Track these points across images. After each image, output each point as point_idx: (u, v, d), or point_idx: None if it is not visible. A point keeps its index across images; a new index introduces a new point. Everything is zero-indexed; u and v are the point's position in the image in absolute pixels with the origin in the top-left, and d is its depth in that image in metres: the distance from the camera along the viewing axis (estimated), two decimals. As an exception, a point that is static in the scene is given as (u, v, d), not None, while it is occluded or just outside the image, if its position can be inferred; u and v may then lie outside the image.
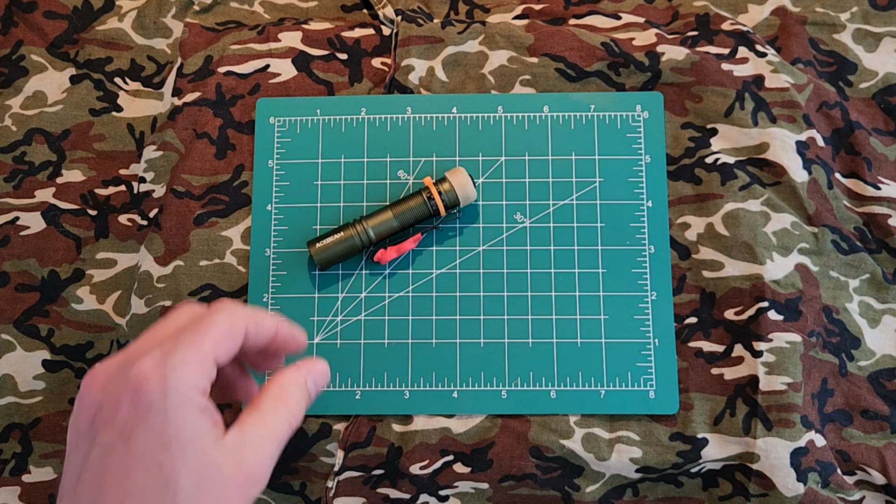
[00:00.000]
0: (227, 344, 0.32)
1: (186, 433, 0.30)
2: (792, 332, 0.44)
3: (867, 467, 0.43)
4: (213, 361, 0.31)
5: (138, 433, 0.29)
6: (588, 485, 0.44)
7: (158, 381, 0.29)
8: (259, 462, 0.32)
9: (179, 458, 0.29)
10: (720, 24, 0.49)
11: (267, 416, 0.33)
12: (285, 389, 0.34)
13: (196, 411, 0.30)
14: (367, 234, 0.44)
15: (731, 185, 0.46)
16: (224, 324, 0.32)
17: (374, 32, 0.50)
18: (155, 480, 0.29)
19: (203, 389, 0.31)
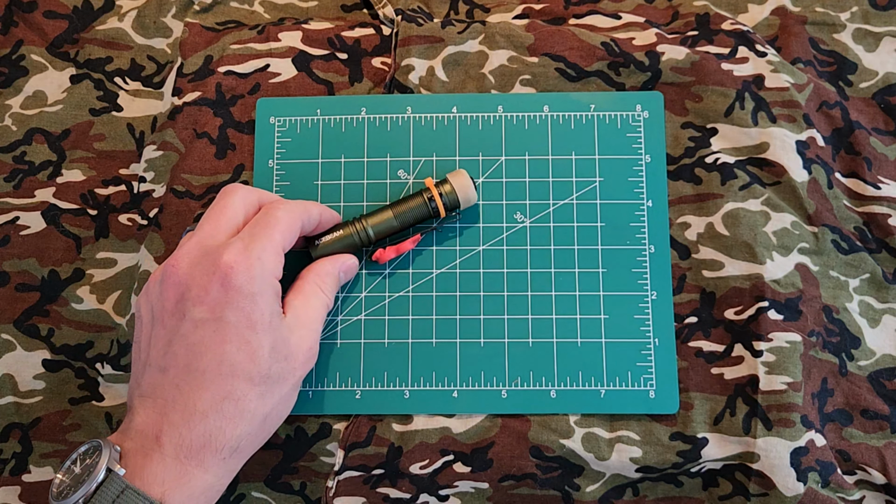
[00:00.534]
0: (291, 234, 0.38)
1: (267, 314, 0.35)
2: (792, 331, 0.44)
3: (867, 467, 0.43)
4: (283, 250, 0.38)
5: (228, 312, 0.34)
6: (588, 484, 0.44)
7: (246, 268, 0.35)
8: (312, 337, 0.39)
9: (262, 334, 0.35)
10: (720, 23, 0.49)
11: (311, 300, 0.39)
12: (322, 277, 0.41)
13: (274, 295, 0.36)
14: (366, 233, 0.43)
15: (731, 184, 0.46)
16: (286, 219, 0.38)
17: (374, 32, 0.50)
18: (243, 351, 0.35)
19: (278, 275, 0.37)
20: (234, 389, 0.34)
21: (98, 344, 0.46)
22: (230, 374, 0.34)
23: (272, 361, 0.36)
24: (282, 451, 0.44)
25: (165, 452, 0.34)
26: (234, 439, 0.35)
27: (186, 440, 0.34)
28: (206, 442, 0.34)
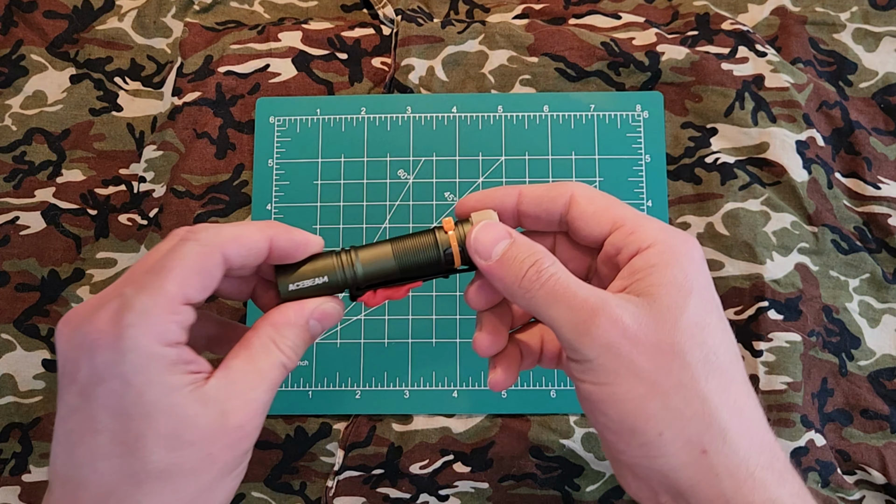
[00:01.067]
0: (198, 279, 0.28)
1: (152, 394, 0.26)
2: (792, 331, 0.44)
3: (867, 467, 0.43)
4: (182, 303, 0.27)
5: (98, 395, 0.26)
6: (588, 484, 0.44)
7: (113, 341, 0.26)
8: (248, 411, 0.28)
9: (145, 422, 0.26)
10: (720, 23, 0.49)
11: (258, 358, 0.29)
12: (280, 329, 0.30)
13: (162, 368, 0.27)
14: (353, 272, 0.31)
15: (731, 184, 0.46)
16: (192, 257, 0.28)
17: (374, 32, 0.50)
18: (121, 445, 0.27)
19: (169, 341, 0.27)
20: (115, 491, 0.27)
21: (98, 344, 0.46)
22: (107, 472, 0.27)
23: (165, 453, 0.26)
24: (282, 451, 0.44)
25: None
26: None
27: None
28: None
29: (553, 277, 0.29)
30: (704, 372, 0.27)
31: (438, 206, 0.47)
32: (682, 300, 0.28)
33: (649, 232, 0.29)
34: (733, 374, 0.28)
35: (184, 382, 0.27)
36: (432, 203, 0.47)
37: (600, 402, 0.28)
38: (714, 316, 0.28)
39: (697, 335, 0.27)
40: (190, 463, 0.27)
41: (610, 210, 0.30)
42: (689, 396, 0.27)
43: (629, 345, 0.27)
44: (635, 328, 0.27)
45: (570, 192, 0.31)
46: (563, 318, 0.28)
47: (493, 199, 0.32)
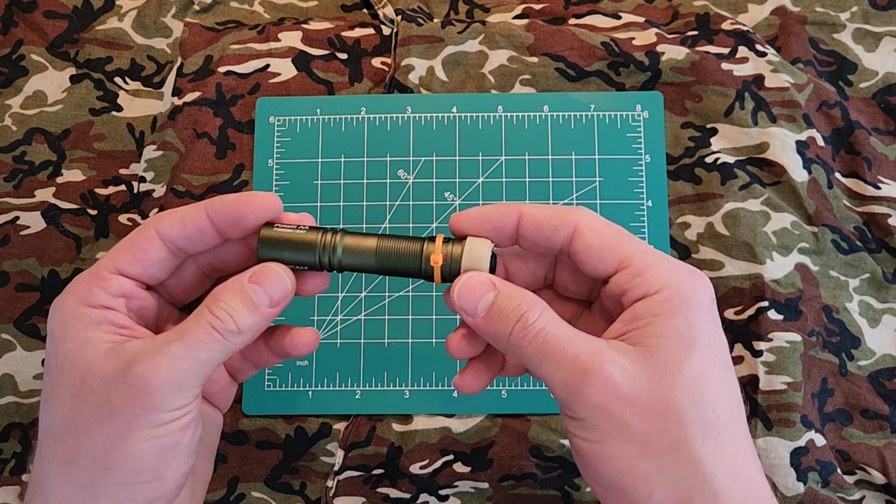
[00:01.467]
0: (131, 252, 0.29)
1: (67, 346, 0.28)
2: (792, 331, 0.44)
3: (867, 467, 0.43)
4: (112, 272, 0.29)
5: (53, 361, 0.28)
6: (588, 485, 0.44)
7: (53, 304, 0.29)
8: (154, 361, 0.27)
9: (58, 373, 0.28)
10: (720, 23, 0.49)
11: (188, 321, 0.28)
12: (217, 292, 0.29)
13: (81, 324, 0.28)
14: (333, 250, 0.31)
15: (731, 184, 0.46)
16: (129, 235, 0.30)
17: (374, 32, 0.50)
18: (44, 397, 0.28)
19: (92, 303, 0.28)
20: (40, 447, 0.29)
21: (98, 344, 0.46)
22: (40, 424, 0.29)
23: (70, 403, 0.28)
24: (282, 451, 0.44)
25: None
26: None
27: None
28: None
29: (541, 333, 0.27)
30: (700, 432, 0.26)
31: (438, 205, 0.47)
32: (683, 354, 0.27)
33: (657, 275, 0.28)
34: (732, 432, 0.27)
35: (103, 339, 0.28)
36: (432, 203, 0.47)
37: (591, 458, 0.27)
38: (717, 368, 0.27)
39: (696, 392, 0.26)
40: (87, 412, 0.27)
41: (617, 246, 0.28)
42: (682, 459, 0.26)
43: (622, 405, 0.26)
44: (628, 387, 0.26)
45: (574, 222, 0.29)
46: (554, 377, 0.27)
47: (491, 221, 0.30)
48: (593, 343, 0.27)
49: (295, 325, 0.33)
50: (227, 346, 0.28)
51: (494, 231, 0.30)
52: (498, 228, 0.30)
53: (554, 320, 0.28)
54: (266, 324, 0.29)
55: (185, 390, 0.27)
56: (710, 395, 0.26)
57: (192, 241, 0.30)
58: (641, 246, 0.29)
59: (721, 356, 0.28)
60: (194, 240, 0.30)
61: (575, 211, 0.29)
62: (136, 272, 0.29)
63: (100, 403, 0.27)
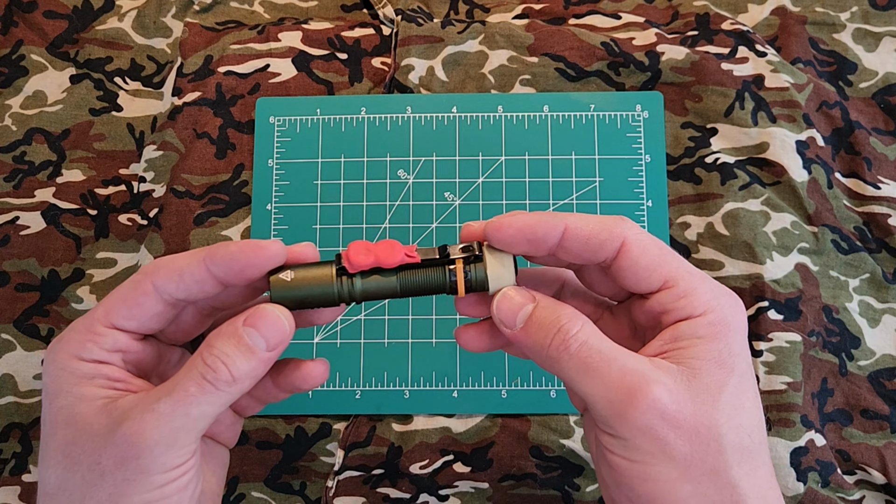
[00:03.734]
0: (126, 306, 0.28)
1: (59, 403, 0.27)
2: (792, 331, 0.44)
3: (867, 467, 0.43)
4: (107, 326, 0.27)
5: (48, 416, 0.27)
6: (588, 484, 0.44)
7: (46, 358, 0.28)
8: (144, 420, 0.25)
9: (51, 431, 0.27)
10: (720, 23, 0.49)
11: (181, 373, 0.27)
12: (210, 339, 0.27)
13: (74, 379, 0.27)
14: (353, 286, 0.29)
15: (731, 184, 0.46)
16: (124, 286, 0.28)
17: (374, 32, 0.50)
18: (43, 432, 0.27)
19: (84, 357, 0.27)
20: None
21: (98, 344, 0.46)
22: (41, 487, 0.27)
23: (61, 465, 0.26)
24: (282, 451, 0.44)
25: None
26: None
27: None
28: None
29: (584, 347, 0.27)
30: (737, 457, 0.26)
31: (438, 205, 0.47)
32: (723, 379, 0.27)
33: (701, 298, 0.27)
34: (763, 458, 0.27)
35: (97, 395, 0.27)
36: (432, 203, 0.47)
37: (631, 478, 0.27)
38: (751, 394, 0.27)
39: (734, 417, 0.26)
40: (80, 475, 0.26)
41: (663, 265, 0.28)
42: (721, 483, 0.26)
43: (668, 428, 0.26)
44: (674, 409, 0.26)
45: (622, 236, 0.28)
46: (597, 395, 0.26)
47: (535, 233, 0.28)
48: (637, 361, 0.27)
49: (302, 358, 0.31)
50: (221, 398, 0.26)
51: (536, 243, 0.28)
52: (540, 241, 0.28)
53: (596, 334, 0.27)
54: (264, 369, 0.28)
55: (178, 448, 0.26)
56: (747, 421, 0.27)
57: (191, 293, 0.28)
58: (685, 265, 0.28)
59: (753, 384, 0.28)
60: (193, 291, 0.28)
61: (621, 224, 0.28)
62: (131, 326, 0.28)
63: (91, 466, 0.26)
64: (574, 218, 0.28)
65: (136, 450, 0.25)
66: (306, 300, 0.28)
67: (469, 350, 0.31)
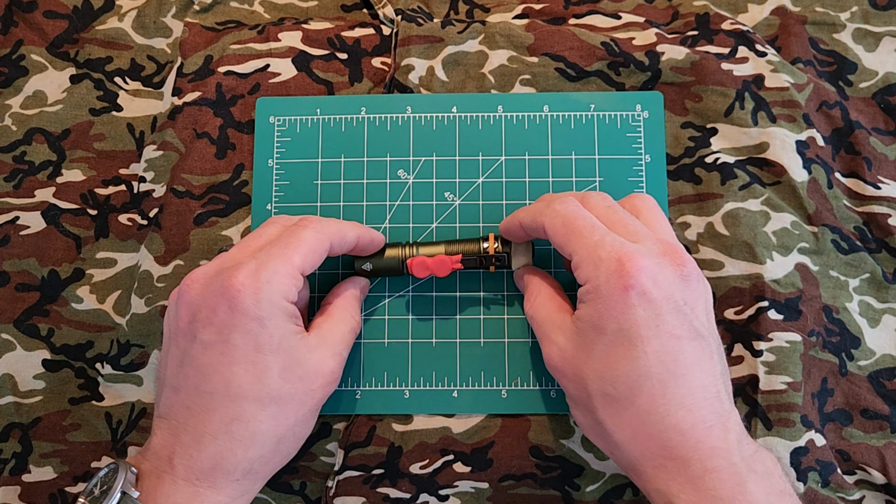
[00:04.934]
0: (313, 257, 0.37)
1: (276, 336, 0.35)
2: (792, 331, 0.44)
3: (867, 467, 0.43)
4: (300, 272, 0.36)
5: (235, 335, 0.34)
6: (588, 484, 0.44)
7: (253, 291, 0.34)
8: (335, 359, 0.37)
9: (271, 356, 0.34)
10: (720, 23, 0.49)
11: (339, 322, 0.39)
12: (347, 300, 0.41)
13: (284, 317, 0.35)
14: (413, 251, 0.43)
15: (731, 184, 0.46)
16: (310, 240, 0.36)
17: (374, 32, 0.50)
18: (251, 374, 0.34)
19: (291, 298, 0.35)
20: (242, 411, 0.34)
21: (98, 344, 0.46)
22: (238, 395, 0.34)
23: (283, 382, 0.35)
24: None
25: (177, 474, 0.34)
26: (246, 461, 0.35)
27: (197, 462, 0.34)
28: (216, 464, 0.34)
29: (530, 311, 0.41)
30: (601, 401, 0.34)
31: (438, 205, 0.47)
32: (594, 337, 0.34)
33: (585, 270, 0.35)
34: (631, 401, 0.33)
35: (295, 331, 0.36)
36: (432, 203, 0.47)
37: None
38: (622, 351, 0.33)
39: (599, 370, 0.34)
40: (298, 393, 0.35)
41: (567, 243, 0.36)
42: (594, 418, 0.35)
43: (559, 375, 0.37)
44: (559, 362, 0.36)
45: (541, 222, 0.37)
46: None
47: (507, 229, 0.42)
48: (547, 323, 0.38)
49: None
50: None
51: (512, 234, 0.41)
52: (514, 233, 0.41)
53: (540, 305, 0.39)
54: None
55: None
56: (610, 373, 0.34)
57: (338, 252, 0.40)
58: (587, 240, 0.35)
59: (632, 340, 0.33)
60: (341, 251, 0.40)
61: (544, 210, 0.37)
62: (309, 272, 0.37)
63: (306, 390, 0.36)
64: (523, 213, 0.40)
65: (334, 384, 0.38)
66: (380, 269, 0.43)
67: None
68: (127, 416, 0.46)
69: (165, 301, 0.45)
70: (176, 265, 0.46)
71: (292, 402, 0.35)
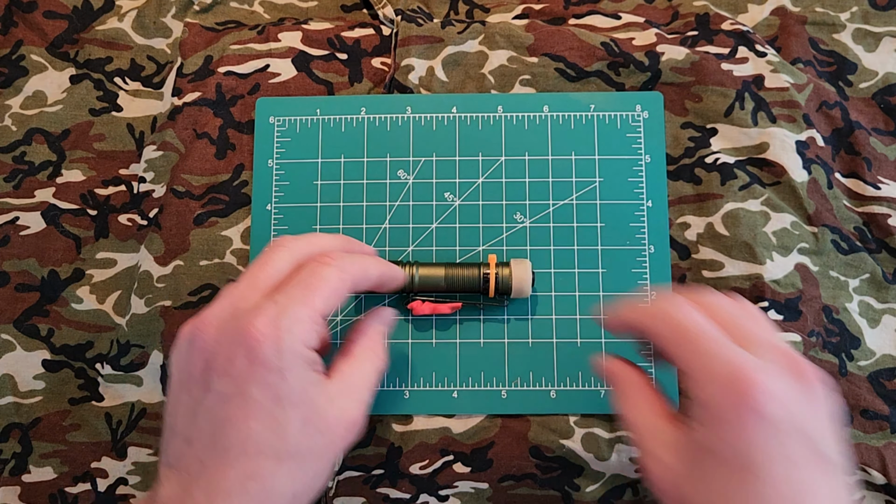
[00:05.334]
0: (335, 299, 0.34)
1: (297, 388, 0.32)
2: (792, 331, 0.44)
3: (867, 467, 0.43)
4: (323, 317, 0.33)
5: (253, 387, 0.31)
6: (588, 485, 0.44)
7: (274, 341, 0.31)
8: (358, 407, 0.34)
9: (291, 410, 0.32)
10: (720, 23, 0.49)
11: (362, 364, 0.36)
12: (373, 338, 0.37)
13: (306, 366, 0.32)
14: (411, 280, 0.43)
15: (731, 184, 0.46)
16: (333, 280, 0.34)
17: (374, 32, 0.50)
18: (270, 428, 0.31)
19: (312, 344, 0.33)
20: (260, 469, 0.32)
21: (98, 344, 0.46)
22: (256, 452, 0.32)
23: (302, 437, 0.32)
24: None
25: None
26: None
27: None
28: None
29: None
30: None
31: (438, 206, 0.47)
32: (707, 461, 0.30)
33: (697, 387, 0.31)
34: None
35: (315, 380, 0.33)
36: (432, 203, 0.47)
37: None
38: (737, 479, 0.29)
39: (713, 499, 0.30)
40: (317, 447, 0.33)
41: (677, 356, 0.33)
42: None
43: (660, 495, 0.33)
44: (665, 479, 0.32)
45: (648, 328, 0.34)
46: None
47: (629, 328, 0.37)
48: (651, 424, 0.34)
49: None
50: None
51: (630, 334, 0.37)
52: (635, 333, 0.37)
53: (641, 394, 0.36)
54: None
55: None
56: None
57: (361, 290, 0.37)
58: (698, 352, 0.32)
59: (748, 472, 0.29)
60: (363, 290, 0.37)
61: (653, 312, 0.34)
62: (330, 314, 0.35)
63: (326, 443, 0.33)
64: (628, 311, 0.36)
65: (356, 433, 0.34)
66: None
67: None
68: (127, 417, 0.46)
69: (166, 301, 0.45)
70: (176, 265, 0.46)
71: (311, 456, 0.33)
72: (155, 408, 0.46)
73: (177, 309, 0.45)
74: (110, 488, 0.45)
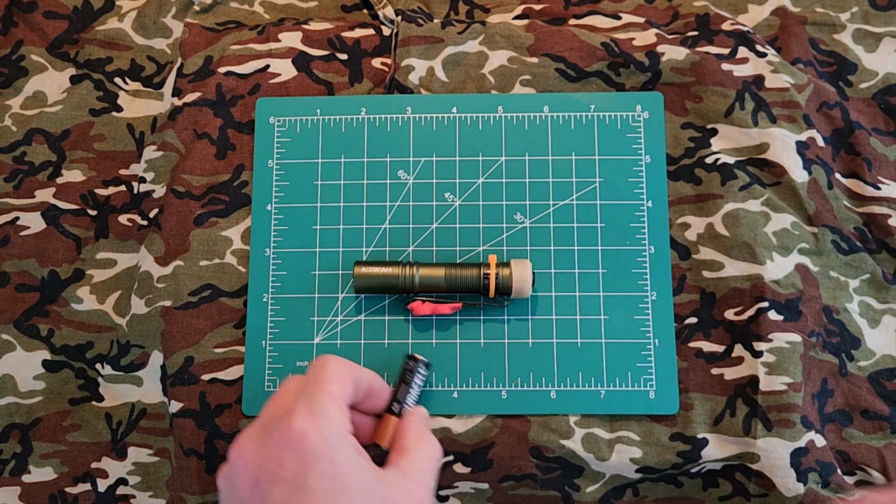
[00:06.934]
0: (347, 387, 0.35)
1: (353, 472, 0.32)
2: (792, 332, 0.44)
3: (867, 467, 0.43)
4: (345, 404, 0.34)
5: (311, 480, 0.31)
6: (588, 485, 0.44)
7: (316, 430, 0.31)
8: (423, 490, 0.34)
9: (354, 494, 0.31)
10: (720, 24, 0.49)
11: (417, 454, 0.36)
12: (419, 430, 0.38)
13: (353, 450, 0.33)
14: (412, 280, 0.43)
15: (731, 185, 0.46)
16: (338, 372, 0.35)
17: (374, 32, 0.50)
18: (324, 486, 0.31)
19: (350, 430, 0.33)
20: None
21: (98, 344, 0.46)
22: None
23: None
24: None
25: None
26: None
27: None
28: None
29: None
30: None
31: (438, 206, 0.47)
32: None
33: None
34: None
35: (368, 467, 0.33)
36: (432, 203, 0.47)
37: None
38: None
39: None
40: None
41: None
42: None
43: None
44: None
45: None
46: None
47: None
48: None
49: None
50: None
51: None
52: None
53: None
54: None
55: None
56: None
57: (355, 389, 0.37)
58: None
59: None
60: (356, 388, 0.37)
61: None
62: (351, 402, 0.36)
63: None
64: None
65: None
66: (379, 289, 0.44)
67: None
68: (127, 417, 0.46)
69: (166, 301, 0.45)
70: (176, 266, 0.46)
71: None
72: (155, 408, 0.46)
73: (177, 309, 0.45)
74: (110, 488, 0.45)
